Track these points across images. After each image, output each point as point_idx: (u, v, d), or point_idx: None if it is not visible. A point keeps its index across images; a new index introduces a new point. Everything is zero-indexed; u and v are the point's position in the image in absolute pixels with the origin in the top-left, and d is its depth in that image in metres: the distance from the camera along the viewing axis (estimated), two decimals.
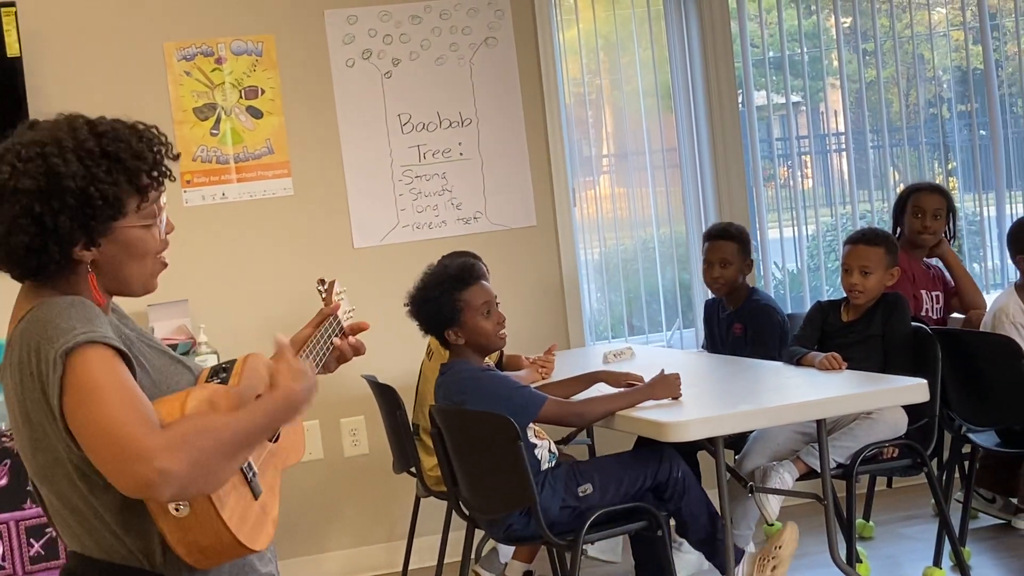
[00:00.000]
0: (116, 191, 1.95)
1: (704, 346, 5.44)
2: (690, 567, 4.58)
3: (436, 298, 3.92)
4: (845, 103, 6.08)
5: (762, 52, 6.05)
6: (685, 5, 5.82)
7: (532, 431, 3.90)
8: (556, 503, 3.82)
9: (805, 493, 4.29)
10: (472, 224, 5.51)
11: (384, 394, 4.70)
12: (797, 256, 6.09)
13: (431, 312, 3.94)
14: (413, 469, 4.65)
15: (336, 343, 2.38)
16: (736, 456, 4.56)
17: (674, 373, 3.90)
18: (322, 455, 5.35)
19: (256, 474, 2.01)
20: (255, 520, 1.97)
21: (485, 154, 5.52)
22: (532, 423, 3.87)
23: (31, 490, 4.25)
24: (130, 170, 1.96)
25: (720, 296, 5.19)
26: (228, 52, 5.25)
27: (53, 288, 1.97)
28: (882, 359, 4.52)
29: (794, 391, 4.12)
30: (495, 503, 3.96)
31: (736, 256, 5.08)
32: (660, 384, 3.87)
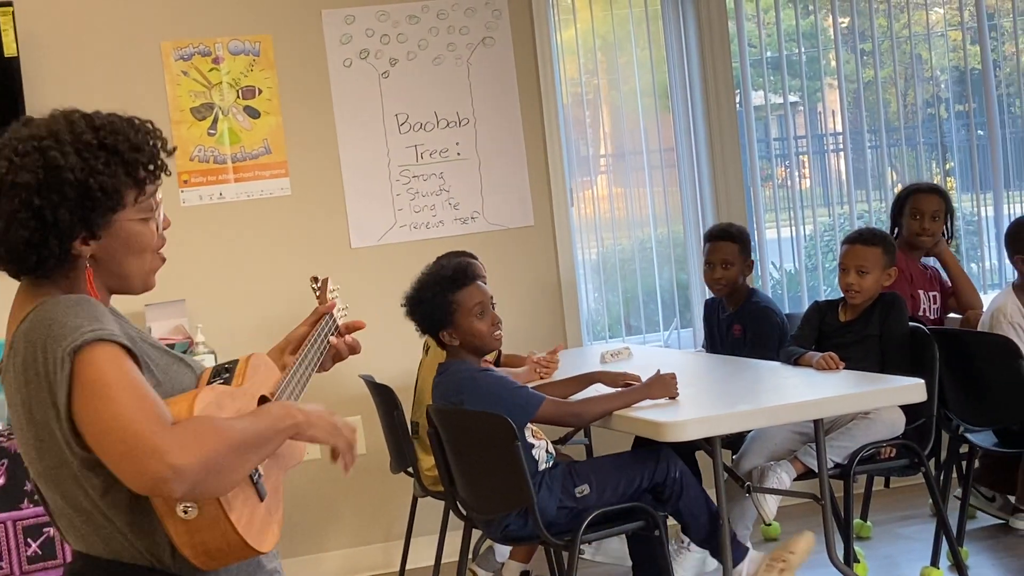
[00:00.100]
0: (115, 183, 1.94)
1: (704, 346, 5.43)
2: (695, 566, 4.57)
3: (430, 299, 3.92)
4: (843, 103, 6.08)
5: (760, 52, 6.05)
6: (683, 5, 5.82)
7: (530, 431, 3.90)
8: (553, 503, 3.82)
9: (803, 493, 4.29)
10: (469, 224, 5.51)
11: (381, 394, 4.70)
12: (795, 256, 6.09)
13: (425, 313, 3.95)
14: (410, 469, 4.65)
15: (332, 341, 2.38)
16: (734, 456, 4.56)
17: (670, 373, 3.90)
18: (319, 455, 5.34)
19: (261, 476, 2.01)
20: (261, 522, 1.96)
21: (482, 154, 5.52)
22: (529, 423, 3.88)
23: (28, 490, 4.25)
24: (128, 162, 1.96)
25: (721, 297, 5.19)
26: (225, 52, 5.25)
27: (53, 285, 1.96)
28: (880, 359, 4.52)
29: (792, 391, 4.12)
30: (492, 503, 3.95)
31: (737, 257, 5.08)
32: (657, 384, 3.87)
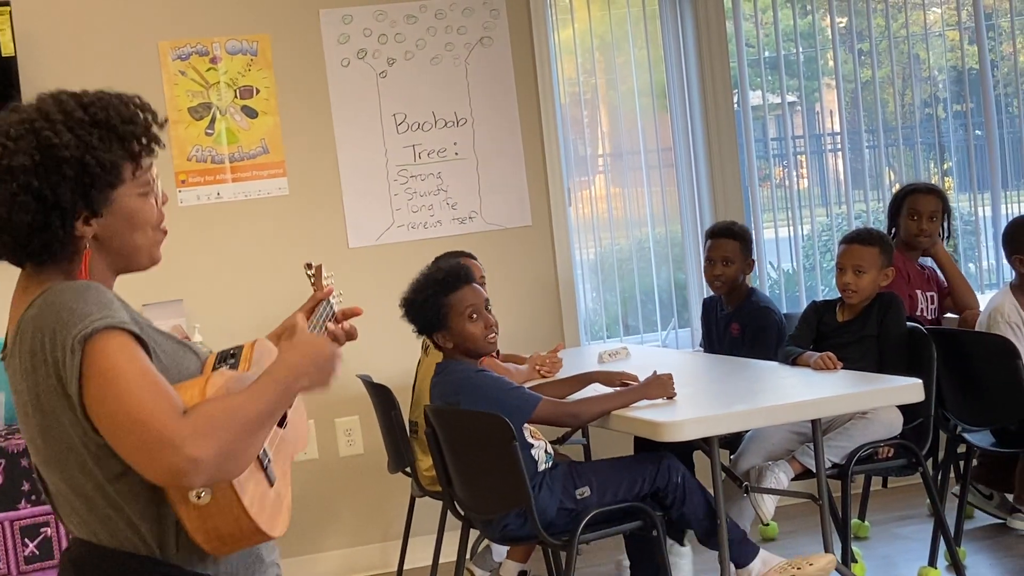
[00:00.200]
0: (111, 157, 1.93)
1: (701, 344, 5.43)
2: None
3: (423, 302, 3.93)
4: (841, 103, 6.08)
5: (758, 52, 6.05)
6: (680, 5, 5.82)
7: (528, 431, 3.90)
8: (554, 504, 3.81)
9: (800, 493, 4.29)
10: (467, 224, 5.51)
11: (379, 394, 4.70)
12: (793, 256, 6.09)
13: (419, 315, 3.96)
14: (408, 469, 4.64)
15: (330, 328, 2.37)
16: (731, 456, 4.56)
17: (667, 373, 3.90)
18: (317, 455, 5.35)
19: (271, 461, 2.00)
20: (272, 506, 1.95)
21: (480, 154, 5.52)
22: (527, 423, 3.87)
23: (26, 490, 4.25)
24: (122, 135, 1.95)
25: (720, 294, 5.19)
26: (223, 51, 5.24)
27: (57, 271, 1.94)
28: (877, 359, 4.52)
29: (789, 391, 4.12)
30: (490, 503, 3.95)
31: (738, 255, 5.08)
32: (654, 384, 3.87)
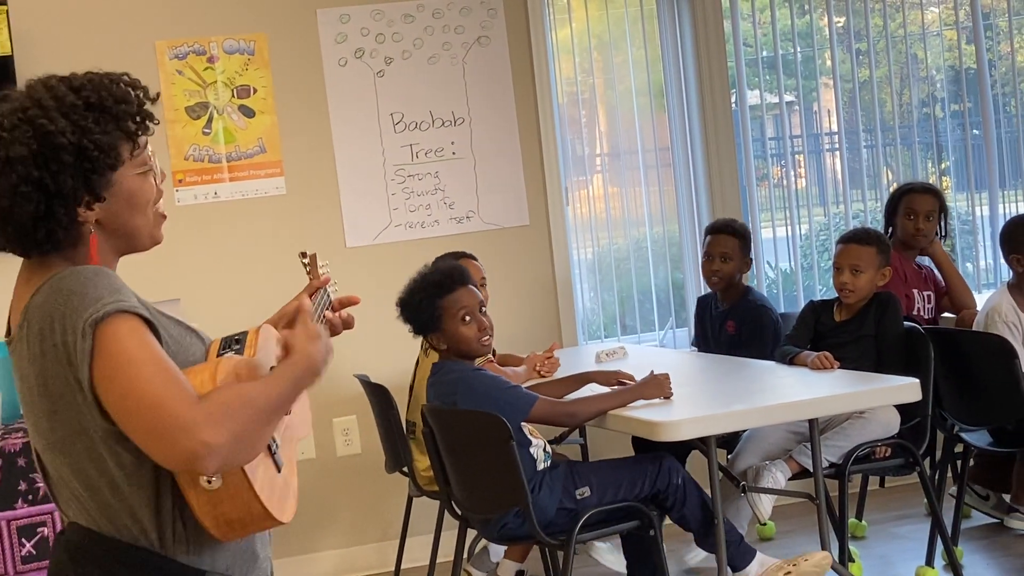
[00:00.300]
0: (109, 139, 1.92)
1: (694, 343, 5.42)
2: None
3: (417, 304, 3.93)
4: (838, 102, 6.08)
5: (755, 51, 6.05)
6: (678, 4, 5.81)
7: (527, 429, 3.90)
8: (553, 504, 3.81)
9: (797, 492, 4.28)
10: (465, 223, 5.50)
11: (376, 394, 4.69)
12: (790, 255, 6.09)
13: (413, 317, 3.96)
14: (405, 469, 4.64)
15: (327, 316, 2.36)
16: (728, 455, 4.56)
17: (663, 373, 3.90)
18: (314, 455, 5.34)
19: (279, 446, 2.00)
20: (281, 492, 1.95)
21: (478, 153, 5.52)
22: (525, 422, 3.87)
23: (22, 490, 4.24)
24: (117, 116, 1.94)
25: (716, 291, 5.19)
26: (220, 51, 5.24)
27: (61, 258, 1.93)
28: (875, 358, 4.52)
29: (786, 390, 4.12)
30: (487, 503, 3.95)
31: (737, 252, 5.08)
32: (650, 384, 3.87)
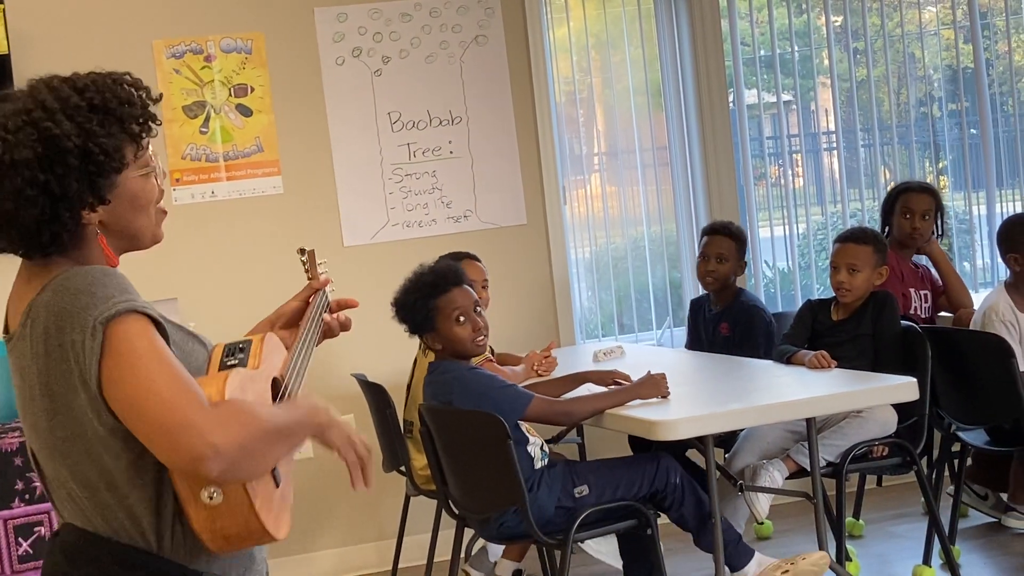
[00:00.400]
0: (115, 142, 1.91)
1: (687, 345, 5.40)
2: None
3: (411, 304, 3.93)
4: (836, 102, 6.09)
5: (753, 51, 6.04)
6: (676, 3, 5.81)
7: (523, 427, 3.90)
8: (552, 502, 3.81)
9: (795, 492, 4.28)
10: (462, 223, 5.50)
11: (374, 393, 4.69)
12: (788, 255, 6.09)
13: (408, 317, 3.96)
14: (403, 468, 4.64)
15: (325, 319, 2.36)
16: (726, 455, 4.56)
17: (660, 373, 3.90)
18: (312, 454, 5.32)
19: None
20: (278, 507, 1.95)
21: (475, 152, 5.51)
22: (521, 421, 3.87)
23: (19, 489, 4.23)
24: (122, 118, 1.93)
25: (710, 292, 5.19)
26: (217, 50, 5.24)
27: (64, 258, 1.91)
28: (872, 358, 4.53)
29: (784, 389, 4.12)
30: (485, 502, 3.95)
31: (733, 254, 5.08)
32: (647, 384, 3.87)
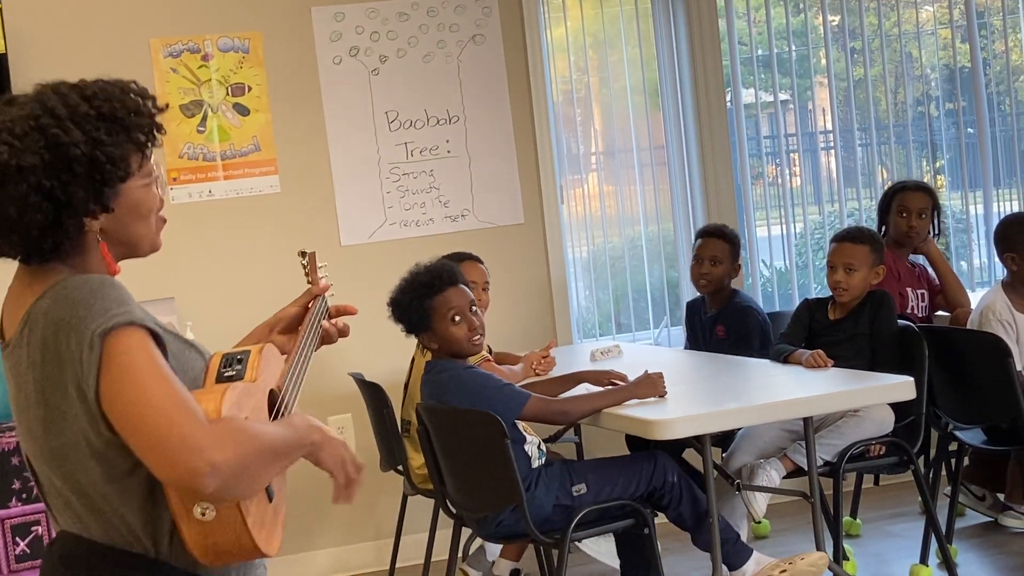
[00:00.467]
0: (121, 151, 1.90)
1: (686, 348, 5.41)
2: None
3: (407, 304, 3.92)
4: (833, 101, 6.09)
5: (750, 50, 6.05)
6: (673, 3, 5.81)
7: (521, 426, 3.90)
8: (550, 500, 3.81)
9: (792, 491, 4.28)
10: (460, 222, 5.50)
11: (371, 392, 4.69)
12: (785, 254, 6.09)
13: (404, 317, 3.95)
14: (400, 467, 4.64)
15: (324, 325, 2.36)
16: (723, 454, 4.56)
17: (657, 372, 3.90)
18: None
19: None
20: (270, 523, 1.94)
21: (473, 152, 5.51)
22: (519, 421, 3.87)
23: (16, 489, 4.23)
24: (129, 128, 1.92)
25: (704, 294, 5.19)
26: (215, 49, 5.23)
27: (63, 264, 1.90)
28: (869, 357, 4.53)
29: (781, 389, 4.12)
30: (482, 501, 3.95)
31: (727, 256, 5.08)
32: (644, 383, 3.87)
